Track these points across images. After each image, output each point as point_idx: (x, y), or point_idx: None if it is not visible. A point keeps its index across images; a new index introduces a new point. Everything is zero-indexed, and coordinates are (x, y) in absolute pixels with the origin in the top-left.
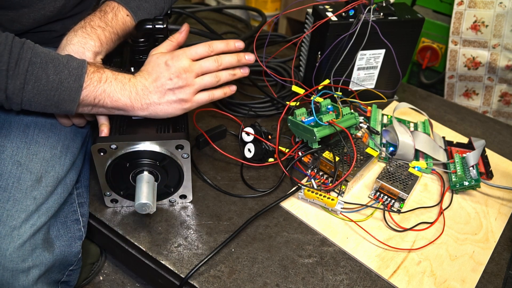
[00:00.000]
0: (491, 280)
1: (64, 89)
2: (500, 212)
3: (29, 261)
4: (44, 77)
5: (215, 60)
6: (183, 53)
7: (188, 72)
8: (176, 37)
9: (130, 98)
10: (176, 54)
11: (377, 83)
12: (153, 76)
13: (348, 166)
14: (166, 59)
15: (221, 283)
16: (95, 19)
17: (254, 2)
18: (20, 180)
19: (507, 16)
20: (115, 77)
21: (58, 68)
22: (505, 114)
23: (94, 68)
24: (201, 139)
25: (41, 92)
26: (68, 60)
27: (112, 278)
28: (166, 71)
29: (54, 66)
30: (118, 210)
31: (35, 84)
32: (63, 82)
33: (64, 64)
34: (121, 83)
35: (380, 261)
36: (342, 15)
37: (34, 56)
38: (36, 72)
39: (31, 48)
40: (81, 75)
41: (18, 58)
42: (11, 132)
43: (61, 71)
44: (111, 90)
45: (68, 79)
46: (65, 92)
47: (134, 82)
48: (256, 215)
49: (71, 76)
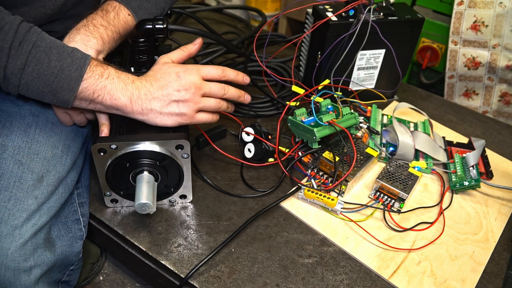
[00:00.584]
0: (491, 280)
1: (65, 76)
2: (500, 212)
3: (31, 261)
4: (46, 61)
5: (223, 88)
6: (197, 70)
7: (197, 88)
8: (188, 48)
9: (131, 99)
10: (189, 68)
11: (377, 83)
12: (160, 83)
13: (348, 166)
14: (178, 71)
15: (221, 283)
16: (97, 18)
17: (254, 2)
18: (22, 179)
19: (507, 16)
20: (118, 75)
21: (62, 55)
22: (505, 114)
23: (97, 62)
24: (201, 139)
25: (41, 76)
26: (73, 50)
27: (112, 278)
28: (175, 81)
29: (58, 53)
30: (118, 210)
31: (36, 67)
32: (64, 69)
33: (69, 53)
34: (123, 82)
35: (380, 261)
36: (342, 15)
37: (40, 40)
38: (39, 56)
39: (38, 32)
40: (83, 65)
41: (23, 40)
42: (12, 131)
43: (64, 59)
44: (112, 87)
45: (70, 67)
46: (64, 79)
47: (138, 85)
48: (256, 215)
49: (73, 65)
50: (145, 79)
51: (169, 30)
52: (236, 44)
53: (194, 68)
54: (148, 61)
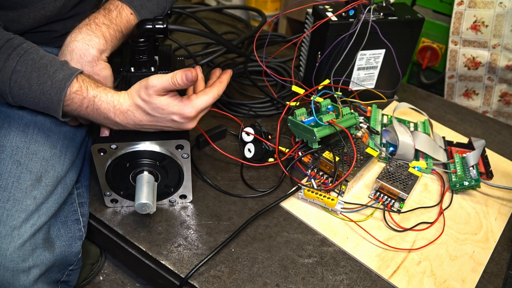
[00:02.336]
0: (491, 280)
1: (46, 99)
2: (500, 212)
3: (29, 261)
4: (27, 86)
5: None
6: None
7: (193, 123)
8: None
9: (116, 126)
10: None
11: (377, 83)
12: (153, 117)
13: (348, 166)
14: (173, 116)
15: (221, 283)
16: (100, 17)
17: (254, 2)
18: (20, 179)
19: (507, 16)
20: (98, 106)
21: (42, 78)
22: (505, 114)
23: (78, 86)
24: (201, 139)
25: (26, 98)
26: (56, 70)
27: (112, 278)
28: (169, 123)
29: (37, 76)
30: (118, 210)
31: (19, 91)
32: (44, 93)
33: (50, 75)
34: (104, 113)
35: (380, 261)
36: (342, 15)
37: (20, 64)
38: (20, 81)
39: (20, 55)
40: (62, 89)
41: (2, 66)
42: (10, 131)
43: (44, 82)
44: (93, 116)
45: (50, 91)
46: (47, 102)
47: (122, 119)
48: (256, 215)
49: (53, 89)
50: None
51: (169, 30)
52: (236, 44)
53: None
54: (148, 61)
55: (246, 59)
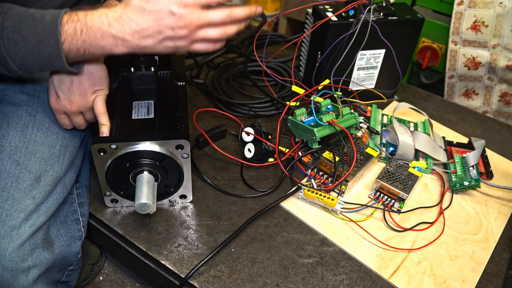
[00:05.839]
0: (491, 280)
1: (44, 46)
2: (500, 212)
3: (28, 261)
4: (21, 39)
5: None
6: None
7: (195, 26)
8: None
9: (117, 45)
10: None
11: (377, 83)
12: (151, 15)
13: (348, 166)
14: (171, 8)
15: (221, 283)
16: None
17: (254, 2)
18: (19, 179)
19: (507, 16)
20: (92, 23)
21: (32, 26)
22: (505, 114)
23: (67, 17)
24: (201, 139)
25: (25, 54)
26: (44, 14)
27: (112, 278)
28: (168, 18)
29: (27, 26)
30: (118, 210)
31: (15, 48)
32: (40, 39)
33: (38, 19)
34: (99, 28)
35: (380, 261)
36: (342, 15)
37: (6, 20)
38: (12, 36)
39: (4, 13)
40: (55, 28)
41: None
42: (9, 131)
43: (36, 28)
44: (91, 40)
45: (45, 35)
46: (46, 48)
47: (118, 29)
48: (256, 215)
49: (46, 31)
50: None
51: None
52: (236, 44)
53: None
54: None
55: (246, 59)
